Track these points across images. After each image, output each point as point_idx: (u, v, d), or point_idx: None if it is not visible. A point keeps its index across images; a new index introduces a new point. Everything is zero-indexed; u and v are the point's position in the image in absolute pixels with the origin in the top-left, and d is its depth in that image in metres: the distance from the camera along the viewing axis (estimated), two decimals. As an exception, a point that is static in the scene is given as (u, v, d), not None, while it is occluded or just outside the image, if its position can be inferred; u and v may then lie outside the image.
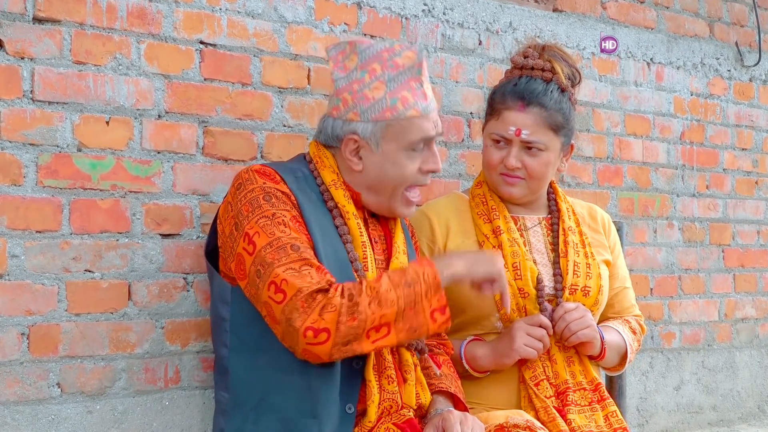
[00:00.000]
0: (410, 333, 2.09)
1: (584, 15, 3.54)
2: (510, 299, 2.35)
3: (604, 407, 2.50)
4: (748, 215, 4.14)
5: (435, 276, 2.09)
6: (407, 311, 2.07)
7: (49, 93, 2.30)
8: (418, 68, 2.23)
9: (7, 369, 2.25)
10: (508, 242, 2.52)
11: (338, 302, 2.02)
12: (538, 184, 2.57)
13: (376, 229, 2.34)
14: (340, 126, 2.24)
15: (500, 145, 2.54)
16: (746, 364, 4.16)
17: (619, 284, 2.73)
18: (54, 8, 2.30)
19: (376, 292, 2.05)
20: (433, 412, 2.26)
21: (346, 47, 2.27)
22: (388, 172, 2.24)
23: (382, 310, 2.04)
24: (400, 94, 2.21)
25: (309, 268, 2.05)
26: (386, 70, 2.21)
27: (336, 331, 2.01)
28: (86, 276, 2.36)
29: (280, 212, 2.12)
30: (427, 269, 2.10)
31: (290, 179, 2.20)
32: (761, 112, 4.19)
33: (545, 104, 2.50)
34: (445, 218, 2.60)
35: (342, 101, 2.23)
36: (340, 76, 2.25)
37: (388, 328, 2.06)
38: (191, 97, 2.52)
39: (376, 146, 2.22)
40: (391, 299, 2.05)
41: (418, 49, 2.29)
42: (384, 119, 2.20)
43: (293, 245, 2.07)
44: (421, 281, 2.08)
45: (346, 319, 2.02)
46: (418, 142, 2.23)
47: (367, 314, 2.03)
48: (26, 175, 2.27)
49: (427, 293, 2.08)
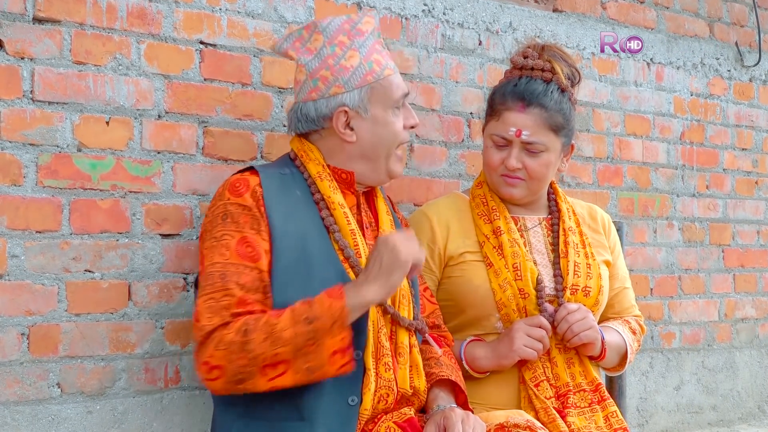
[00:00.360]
0: (308, 374, 2.03)
1: (584, 15, 3.54)
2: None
3: (604, 408, 2.50)
4: (748, 215, 4.14)
5: (342, 309, 2.02)
6: (306, 348, 2.02)
7: (49, 93, 2.30)
8: (377, 31, 2.33)
9: (7, 369, 2.25)
10: (508, 243, 2.52)
11: (230, 339, 2.01)
12: (539, 184, 2.57)
13: (368, 215, 2.35)
14: (325, 104, 2.26)
15: (501, 146, 2.54)
16: (746, 364, 4.16)
17: (619, 284, 2.73)
18: (54, 8, 2.30)
19: (272, 329, 2.01)
20: (434, 408, 2.25)
21: (302, 33, 2.31)
22: (381, 134, 2.28)
23: (276, 348, 2.01)
24: (373, 57, 2.28)
25: (230, 299, 2.06)
26: (354, 39, 2.27)
27: (227, 369, 2.02)
28: (86, 276, 2.36)
29: (229, 233, 2.12)
30: (335, 302, 2.03)
31: (272, 182, 2.20)
32: (761, 112, 4.19)
33: (545, 105, 2.50)
34: (446, 218, 2.60)
35: (320, 79, 2.25)
36: (308, 59, 2.28)
37: (285, 366, 2.02)
38: (191, 97, 2.52)
39: (365, 112, 2.26)
40: (286, 337, 2.00)
41: (374, 14, 2.37)
42: (367, 83, 2.25)
43: (222, 273, 2.08)
44: (326, 316, 2.02)
45: (237, 357, 2.01)
46: (399, 98, 2.30)
47: (258, 352, 2.01)
48: (26, 175, 2.27)
49: (332, 329, 2.01)
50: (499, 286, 2.48)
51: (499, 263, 2.50)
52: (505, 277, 2.48)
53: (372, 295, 2.07)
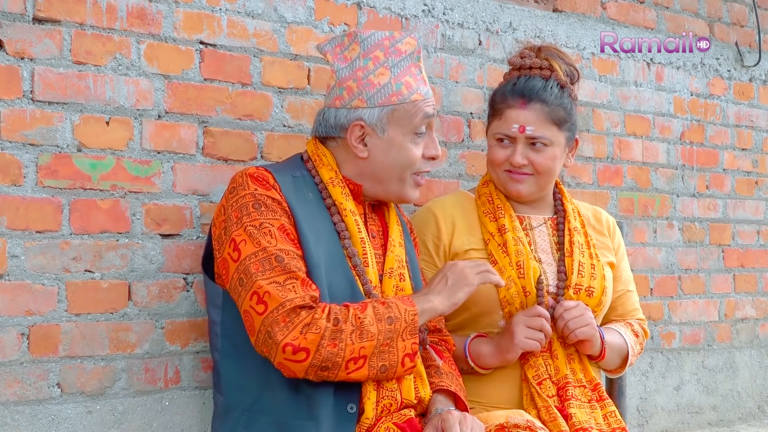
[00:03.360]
0: (380, 372, 2.09)
1: (584, 15, 3.54)
2: (499, 278, 2.32)
3: (603, 407, 2.50)
4: (748, 215, 4.14)
5: (414, 315, 2.10)
6: (384, 347, 2.08)
7: (49, 93, 2.30)
8: (417, 54, 2.28)
9: (7, 369, 2.26)
10: (512, 241, 2.53)
11: (323, 325, 2.02)
12: (546, 179, 2.57)
13: (375, 224, 2.35)
14: (345, 114, 2.25)
15: (504, 144, 2.55)
16: (746, 364, 4.16)
17: (622, 287, 2.73)
18: (54, 8, 2.30)
19: (360, 323, 2.05)
20: (433, 411, 2.26)
21: (344, 39, 2.30)
22: (394, 157, 2.26)
23: (363, 341, 2.05)
24: (404, 79, 2.25)
25: (294, 281, 2.06)
26: (389, 57, 2.25)
27: (316, 353, 2.03)
28: (86, 276, 2.36)
29: (268, 221, 2.11)
30: (408, 307, 2.10)
31: (286, 182, 2.20)
32: (761, 112, 4.19)
33: (546, 100, 2.51)
34: (451, 216, 2.61)
35: (346, 89, 2.25)
36: (341, 66, 2.27)
37: (364, 361, 2.06)
38: (191, 97, 2.52)
39: (382, 132, 2.24)
40: (372, 332, 2.06)
41: (417, 36, 2.34)
42: (390, 104, 2.23)
43: (278, 256, 2.07)
44: (402, 319, 2.09)
45: (328, 344, 2.03)
46: (420, 123, 2.26)
47: (347, 343, 2.04)
48: (26, 175, 2.27)
49: (404, 333, 2.09)
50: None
51: (503, 261, 2.51)
52: (509, 274, 2.49)
53: (438, 304, 2.17)
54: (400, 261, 2.32)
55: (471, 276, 2.22)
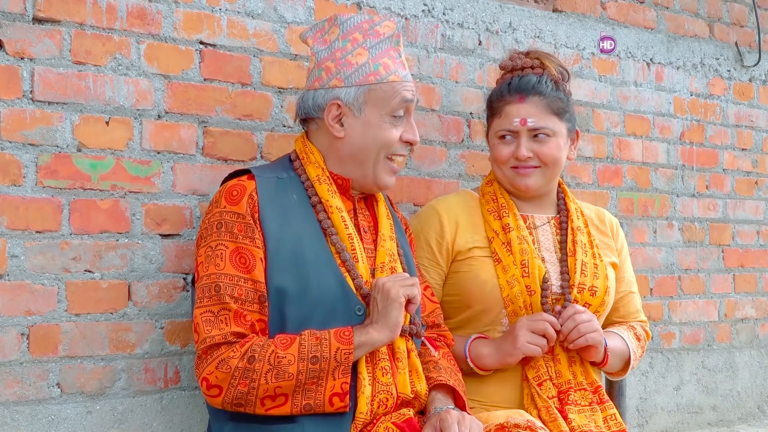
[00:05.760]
0: (304, 409, 2.08)
1: (584, 15, 3.54)
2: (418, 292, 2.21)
3: (603, 409, 2.50)
4: (747, 215, 4.14)
5: (348, 354, 2.07)
6: (309, 385, 2.07)
7: (49, 93, 2.30)
8: (396, 38, 2.30)
9: (7, 369, 2.26)
10: (517, 239, 2.53)
11: (234, 364, 2.04)
12: (553, 171, 2.58)
13: (366, 219, 2.35)
14: (323, 95, 2.26)
15: (507, 140, 2.57)
16: (746, 365, 4.16)
17: (624, 288, 2.73)
18: (54, 8, 2.30)
19: (278, 362, 2.04)
20: (432, 411, 2.25)
21: (324, 24, 2.33)
22: (370, 137, 2.26)
23: (278, 381, 2.05)
24: (382, 60, 2.26)
25: (227, 313, 2.08)
26: (368, 38, 2.27)
27: (227, 391, 2.05)
28: (86, 276, 2.36)
29: (223, 243, 2.13)
30: (342, 345, 2.08)
31: (267, 188, 2.20)
32: (761, 113, 4.19)
33: (543, 92, 2.55)
34: (455, 213, 2.61)
35: (325, 70, 2.26)
36: (320, 48, 2.29)
37: (285, 399, 2.07)
38: (191, 97, 2.52)
39: (359, 111, 2.25)
40: (290, 372, 2.04)
41: (396, 20, 2.35)
42: (367, 83, 2.24)
43: (217, 285, 2.09)
44: (332, 358, 2.07)
45: (239, 383, 2.04)
46: (398, 106, 2.26)
47: (261, 383, 2.04)
48: (26, 175, 2.27)
49: (335, 372, 2.07)
50: (506, 283, 2.49)
51: (507, 260, 2.51)
52: (513, 273, 2.49)
53: (377, 336, 2.13)
54: (392, 255, 2.32)
55: (393, 290, 2.15)
